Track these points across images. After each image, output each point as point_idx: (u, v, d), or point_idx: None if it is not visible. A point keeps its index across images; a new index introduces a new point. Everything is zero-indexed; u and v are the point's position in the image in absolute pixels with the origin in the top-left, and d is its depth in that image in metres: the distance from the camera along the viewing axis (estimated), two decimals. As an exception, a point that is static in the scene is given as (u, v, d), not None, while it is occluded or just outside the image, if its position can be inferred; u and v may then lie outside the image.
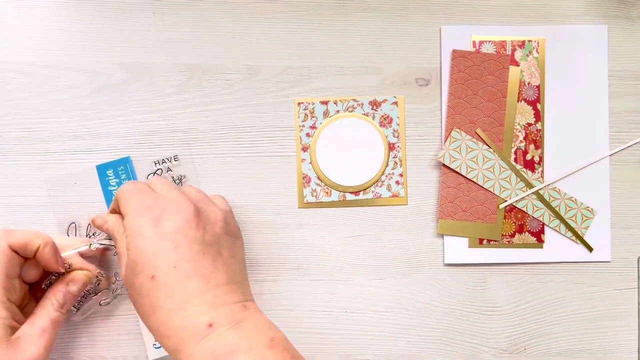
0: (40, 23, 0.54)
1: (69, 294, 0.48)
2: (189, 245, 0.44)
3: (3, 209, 0.54)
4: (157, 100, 0.55)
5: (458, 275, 0.56)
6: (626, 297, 0.56)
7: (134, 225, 0.45)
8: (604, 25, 0.57)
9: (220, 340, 0.41)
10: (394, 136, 0.56)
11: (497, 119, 0.56)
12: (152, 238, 0.44)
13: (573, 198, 0.56)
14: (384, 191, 0.55)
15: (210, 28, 0.55)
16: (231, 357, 0.40)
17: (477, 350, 0.56)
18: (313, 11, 0.56)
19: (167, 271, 0.43)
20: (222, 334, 0.42)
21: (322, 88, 0.55)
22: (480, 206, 0.55)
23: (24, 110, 0.54)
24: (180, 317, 0.42)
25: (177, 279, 0.43)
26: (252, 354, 0.41)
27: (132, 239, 0.44)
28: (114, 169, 0.54)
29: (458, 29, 0.56)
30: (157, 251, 0.43)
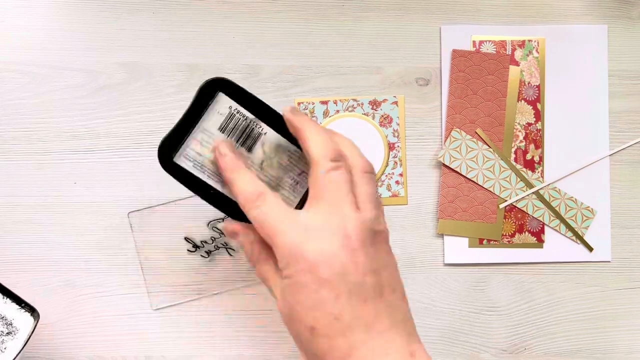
0: (40, 23, 0.54)
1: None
2: (349, 294, 0.38)
3: (3, 209, 0.54)
4: (156, 100, 0.55)
5: (458, 275, 0.56)
6: (626, 297, 0.56)
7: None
8: (604, 25, 0.57)
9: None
10: (394, 136, 0.56)
11: (497, 118, 0.56)
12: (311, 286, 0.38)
13: (573, 198, 0.56)
14: (384, 191, 0.55)
15: (210, 28, 0.55)
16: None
17: (477, 350, 0.56)
18: (313, 11, 0.56)
19: (327, 323, 0.38)
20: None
21: (322, 88, 0.55)
22: (480, 206, 0.55)
23: (24, 110, 0.54)
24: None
25: (338, 331, 0.38)
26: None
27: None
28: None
29: (458, 28, 0.56)
30: (317, 302, 0.38)
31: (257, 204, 0.40)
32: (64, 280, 0.54)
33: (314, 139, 0.41)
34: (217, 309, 0.54)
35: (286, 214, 0.40)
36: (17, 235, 0.54)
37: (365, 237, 0.39)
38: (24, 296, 0.54)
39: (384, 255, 0.40)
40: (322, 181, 0.40)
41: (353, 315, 0.38)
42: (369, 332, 0.38)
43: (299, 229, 0.39)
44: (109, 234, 0.54)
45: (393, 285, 0.40)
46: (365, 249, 0.39)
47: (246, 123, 0.44)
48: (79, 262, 0.54)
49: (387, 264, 0.40)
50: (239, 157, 0.43)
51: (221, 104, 0.43)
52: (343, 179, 0.40)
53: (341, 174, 0.40)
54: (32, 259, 0.54)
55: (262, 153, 0.44)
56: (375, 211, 0.40)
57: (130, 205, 0.54)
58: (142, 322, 0.54)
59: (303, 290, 0.38)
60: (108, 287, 0.54)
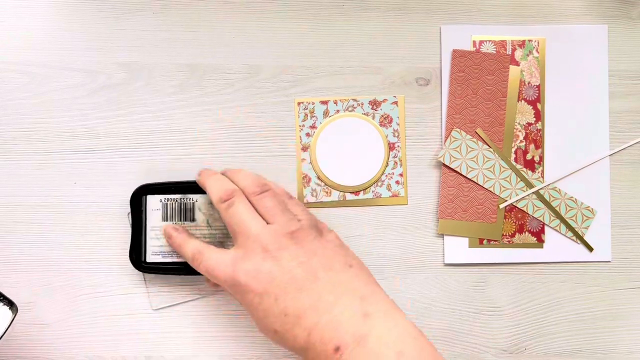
0: (40, 23, 0.54)
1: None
2: (285, 291, 0.45)
3: (3, 209, 0.54)
4: (156, 100, 0.55)
5: (458, 275, 0.56)
6: (626, 297, 0.56)
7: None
8: (604, 25, 0.56)
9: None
10: (394, 136, 0.56)
11: (497, 118, 0.56)
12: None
13: (573, 198, 0.56)
14: (384, 191, 0.55)
15: (210, 28, 0.55)
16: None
17: (477, 350, 0.56)
18: (313, 11, 0.56)
19: (280, 322, 0.45)
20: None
21: (322, 88, 0.55)
22: (481, 206, 0.55)
23: (24, 110, 0.54)
24: (308, 344, 0.44)
25: (292, 323, 0.44)
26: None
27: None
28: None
29: (458, 28, 0.56)
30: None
31: (199, 260, 0.48)
32: (64, 280, 0.54)
33: (210, 189, 0.50)
34: (217, 309, 0.54)
35: (219, 258, 0.47)
36: (17, 235, 0.54)
37: (282, 241, 0.45)
38: (23, 296, 0.54)
39: (308, 245, 0.46)
40: (226, 220, 0.48)
41: (296, 305, 0.44)
42: (317, 313, 0.43)
43: (228, 263, 0.46)
44: (109, 234, 0.54)
45: (328, 264, 0.46)
46: (286, 250, 0.45)
47: (178, 203, 0.53)
48: (79, 262, 0.54)
49: (315, 250, 0.46)
50: (184, 232, 0.51)
51: (152, 203, 0.53)
52: (239, 209, 0.47)
53: (236, 207, 0.47)
54: (32, 259, 0.54)
55: (202, 215, 0.53)
56: (282, 217, 0.47)
57: (130, 205, 0.54)
58: (142, 322, 0.54)
59: (252, 307, 0.45)
60: (108, 287, 0.54)
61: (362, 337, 0.42)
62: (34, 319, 0.54)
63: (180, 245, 0.50)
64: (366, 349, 0.42)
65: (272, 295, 0.44)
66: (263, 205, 0.47)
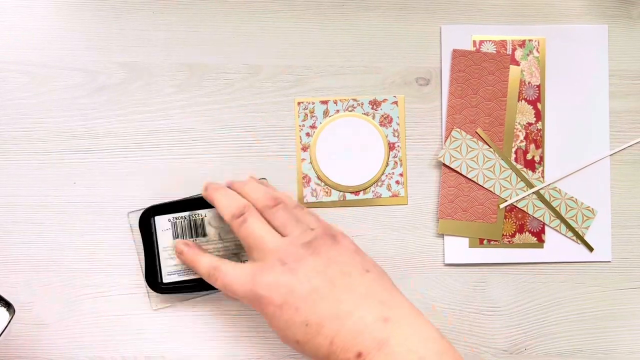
0: (40, 23, 0.54)
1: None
2: (305, 301, 0.45)
3: (3, 209, 0.54)
4: (156, 100, 0.55)
5: (458, 275, 0.56)
6: (626, 297, 0.56)
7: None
8: (604, 25, 0.56)
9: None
10: (394, 136, 0.56)
11: (497, 118, 0.56)
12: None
13: (573, 198, 0.56)
14: (384, 191, 0.55)
15: (210, 28, 0.55)
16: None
17: (477, 350, 0.56)
18: (313, 11, 0.56)
19: (303, 332, 0.45)
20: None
21: (322, 88, 0.55)
22: (481, 206, 0.55)
23: (24, 110, 0.54)
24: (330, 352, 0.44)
25: (314, 333, 0.44)
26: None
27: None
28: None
29: (458, 28, 0.56)
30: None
31: (216, 276, 0.48)
32: (64, 280, 0.54)
33: (220, 205, 0.49)
34: (217, 309, 0.54)
35: (236, 272, 0.47)
36: (17, 235, 0.54)
37: (298, 253, 0.46)
38: (23, 296, 0.54)
39: (324, 254, 0.46)
40: (241, 235, 0.48)
41: (316, 315, 0.44)
42: (338, 320, 0.44)
43: (247, 278, 0.46)
44: (109, 234, 0.54)
45: (345, 271, 0.46)
46: (304, 261, 0.45)
47: (187, 221, 0.53)
48: (79, 262, 0.54)
49: (331, 258, 0.46)
50: (195, 247, 0.51)
51: (161, 223, 0.53)
52: (253, 225, 0.47)
53: (249, 223, 0.47)
54: (32, 259, 0.54)
55: (213, 229, 0.53)
56: (296, 229, 0.47)
57: (130, 205, 0.54)
58: (142, 322, 0.54)
59: (274, 319, 0.45)
60: (108, 287, 0.54)
61: (383, 341, 0.42)
62: (34, 319, 0.54)
63: (193, 260, 0.50)
64: (387, 354, 0.42)
65: (292, 306, 0.44)
66: (276, 219, 0.48)
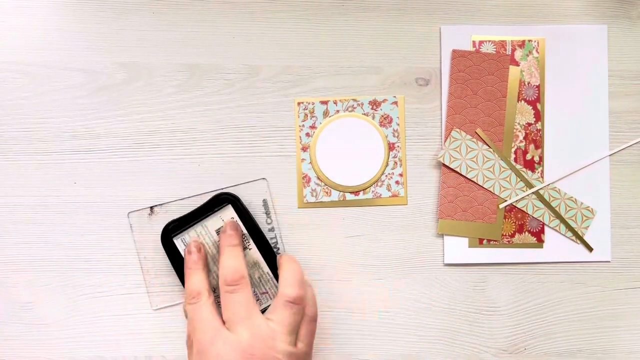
0: (40, 23, 0.54)
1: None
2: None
3: (3, 209, 0.54)
4: (156, 100, 0.55)
5: (458, 275, 0.56)
6: (626, 297, 0.56)
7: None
8: (604, 25, 0.56)
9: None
10: (394, 136, 0.56)
11: (497, 118, 0.56)
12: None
13: (573, 198, 0.56)
14: (383, 191, 0.55)
15: (210, 28, 0.55)
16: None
17: (477, 350, 0.56)
18: (313, 11, 0.56)
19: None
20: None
21: (322, 88, 0.55)
22: (480, 206, 0.55)
23: (24, 110, 0.54)
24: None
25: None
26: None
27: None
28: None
29: (458, 28, 0.56)
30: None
31: (193, 300, 0.48)
32: (64, 280, 0.54)
33: (287, 280, 0.48)
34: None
35: (210, 317, 0.47)
36: (17, 235, 0.54)
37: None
38: (23, 296, 0.54)
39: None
40: (280, 306, 0.47)
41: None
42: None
43: (213, 333, 0.46)
44: (109, 234, 0.54)
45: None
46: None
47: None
48: (79, 262, 0.54)
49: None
50: (201, 259, 0.51)
51: (226, 213, 0.52)
52: (298, 315, 0.47)
53: (297, 311, 0.47)
54: (32, 259, 0.54)
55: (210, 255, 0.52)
56: (306, 348, 0.47)
57: (130, 205, 0.54)
58: (142, 322, 0.54)
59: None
60: (108, 287, 0.54)
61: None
62: (34, 319, 0.54)
63: (190, 269, 0.50)
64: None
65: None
66: (308, 329, 0.48)
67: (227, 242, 0.50)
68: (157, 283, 0.54)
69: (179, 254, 0.52)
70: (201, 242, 0.52)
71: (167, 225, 0.52)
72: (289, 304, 0.47)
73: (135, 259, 0.54)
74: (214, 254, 0.52)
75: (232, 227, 0.51)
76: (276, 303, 0.47)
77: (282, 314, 0.47)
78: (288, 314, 0.47)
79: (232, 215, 0.52)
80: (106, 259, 0.54)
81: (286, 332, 0.46)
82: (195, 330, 0.46)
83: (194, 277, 0.50)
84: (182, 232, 0.52)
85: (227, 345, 0.45)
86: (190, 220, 0.52)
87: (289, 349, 0.46)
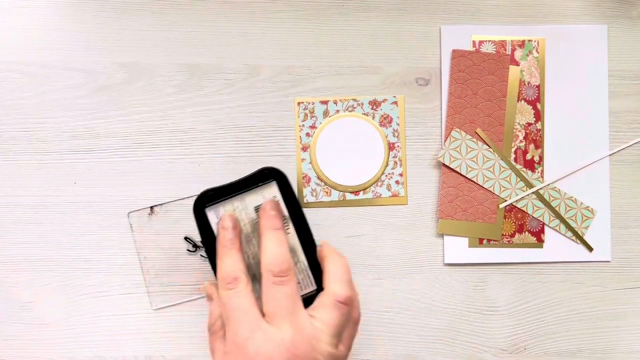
0: (40, 23, 0.54)
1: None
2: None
3: (3, 209, 0.54)
4: (156, 100, 0.55)
5: (458, 275, 0.56)
6: (626, 297, 0.56)
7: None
8: (604, 25, 0.57)
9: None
10: (394, 136, 0.56)
11: (497, 118, 0.56)
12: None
13: (573, 198, 0.56)
14: (383, 191, 0.55)
15: (210, 28, 0.55)
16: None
17: (477, 350, 0.56)
18: (313, 11, 0.56)
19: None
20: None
21: (322, 88, 0.55)
22: (480, 206, 0.55)
23: (24, 110, 0.54)
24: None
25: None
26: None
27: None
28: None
29: (458, 28, 0.56)
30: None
31: (229, 286, 0.43)
32: (64, 280, 0.54)
33: (335, 276, 0.45)
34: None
35: (250, 307, 0.43)
36: (17, 235, 0.54)
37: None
38: (23, 296, 0.54)
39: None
40: (328, 306, 0.43)
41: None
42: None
43: (253, 326, 0.42)
44: (109, 234, 0.54)
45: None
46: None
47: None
48: (79, 262, 0.54)
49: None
50: (237, 237, 0.45)
51: (269, 190, 0.47)
52: (345, 317, 0.44)
53: (345, 313, 0.44)
54: (32, 259, 0.54)
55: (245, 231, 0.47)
56: (347, 352, 0.44)
57: (130, 205, 0.54)
58: (142, 322, 0.54)
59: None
60: (108, 287, 0.54)
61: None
62: (34, 319, 0.54)
63: (225, 248, 0.45)
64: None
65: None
66: (351, 332, 0.46)
67: (271, 224, 0.45)
68: (157, 283, 0.54)
69: (210, 228, 0.47)
70: (237, 218, 0.47)
71: (202, 193, 0.46)
72: (340, 304, 0.44)
73: (135, 259, 0.54)
74: (248, 232, 0.47)
75: (274, 207, 0.46)
76: (323, 300, 0.44)
77: (330, 314, 0.43)
78: (336, 315, 0.43)
79: (274, 193, 0.47)
80: (106, 259, 0.54)
81: (331, 334, 0.43)
82: (230, 320, 0.43)
83: (230, 258, 0.44)
84: (217, 204, 0.47)
85: (269, 342, 0.41)
86: (228, 192, 0.47)
87: (332, 351, 0.43)
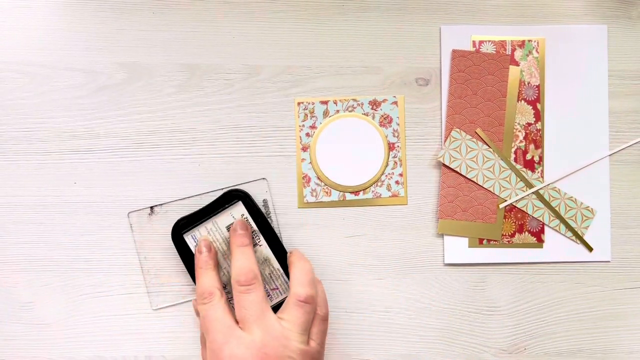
0: (40, 23, 0.54)
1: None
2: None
3: (3, 209, 0.54)
4: (156, 100, 0.55)
5: (458, 275, 0.56)
6: (626, 297, 0.56)
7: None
8: (604, 25, 0.57)
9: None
10: (394, 136, 0.56)
11: (497, 118, 0.56)
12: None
13: (573, 198, 0.56)
14: (383, 191, 0.55)
15: (210, 28, 0.55)
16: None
17: (477, 350, 0.56)
18: (313, 11, 0.56)
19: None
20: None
21: (322, 88, 0.55)
22: (480, 206, 0.55)
23: (24, 110, 0.54)
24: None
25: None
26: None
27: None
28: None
29: (458, 28, 0.56)
30: None
31: (205, 300, 0.48)
32: (64, 280, 0.54)
33: (298, 279, 0.49)
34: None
35: (223, 317, 0.47)
36: (17, 235, 0.54)
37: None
38: (23, 296, 0.54)
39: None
40: (292, 306, 0.48)
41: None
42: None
43: (226, 332, 0.46)
44: (109, 234, 0.54)
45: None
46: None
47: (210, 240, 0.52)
48: (79, 262, 0.54)
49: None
50: (212, 258, 0.51)
51: (237, 209, 0.52)
52: (309, 314, 0.48)
53: (309, 311, 0.48)
54: (32, 259, 0.54)
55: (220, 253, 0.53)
56: (319, 347, 0.48)
57: (130, 205, 0.54)
58: (142, 322, 0.54)
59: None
60: (108, 287, 0.54)
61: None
62: (34, 319, 0.54)
63: (201, 269, 0.50)
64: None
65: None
66: (320, 328, 0.49)
67: (238, 242, 0.50)
68: (157, 283, 0.54)
69: (190, 251, 0.52)
70: (211, 240, 0.52)
71: (177, 222, 0.52)
72: (301, 303, 0.48)
73: (135, 259, 0.54)
74: (225, 250, 0.52)
75: (242, 226, 0.51)
76: (288, 302, 0.48)
77: (294, 314, 0.47)
78: (300, 313, 0.47)
79: (242, 212, 0.52)
80: (106, 259, 0.54)
81: (299, 332, 0.47)
82: (208, 330, 0.47)
83: (205, 276, 0.50)
84: (192, 229, 0.52)
85: (241, 345, 0.45)
86: (200, 217, 0.52)
87: (302, 347, 0.46)
